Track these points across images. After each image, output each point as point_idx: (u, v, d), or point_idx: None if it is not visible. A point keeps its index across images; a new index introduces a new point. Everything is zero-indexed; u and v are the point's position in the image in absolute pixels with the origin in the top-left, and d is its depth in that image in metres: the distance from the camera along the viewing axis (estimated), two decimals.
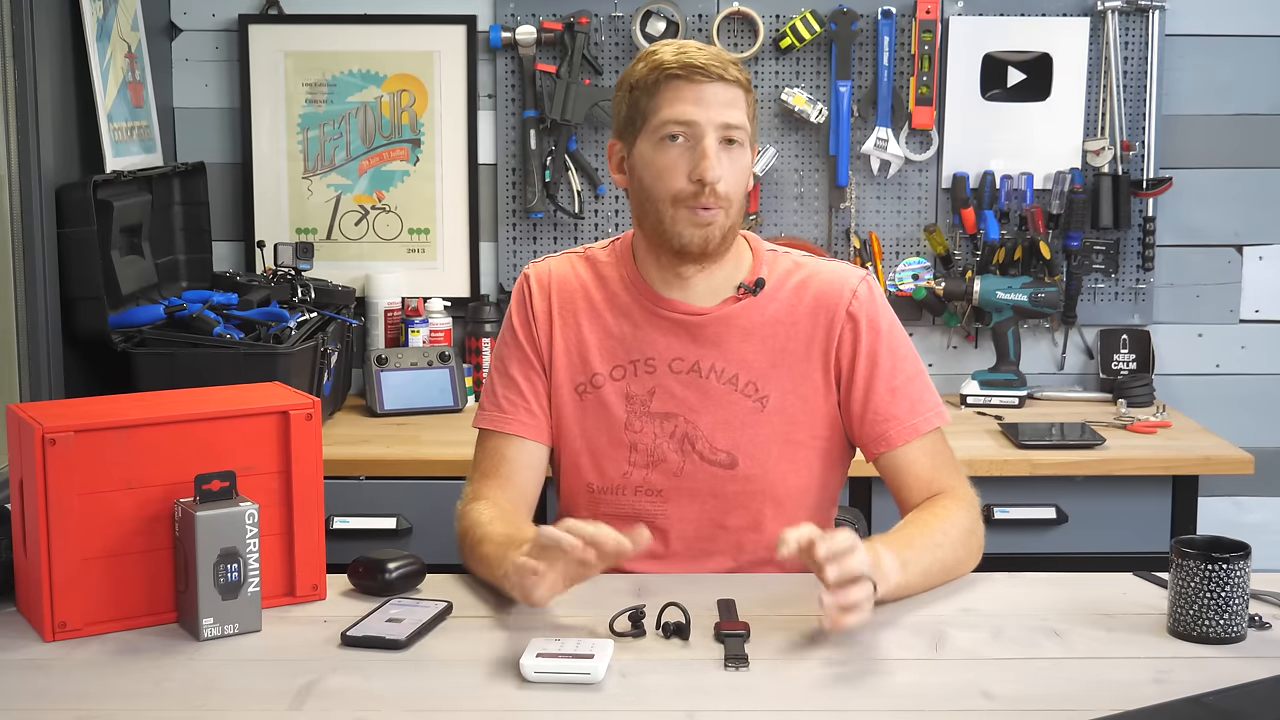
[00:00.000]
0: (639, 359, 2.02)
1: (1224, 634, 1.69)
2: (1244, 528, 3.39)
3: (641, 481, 2.01)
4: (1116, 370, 3.39)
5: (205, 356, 2.76)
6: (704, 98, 1.92)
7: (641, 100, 1.96)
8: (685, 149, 1.93)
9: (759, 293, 2.02)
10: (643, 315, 2.03)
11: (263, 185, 3.38)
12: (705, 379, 2.00)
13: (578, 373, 2.04)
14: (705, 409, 2.00)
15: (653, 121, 1.94)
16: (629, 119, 1.98)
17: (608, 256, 2.08)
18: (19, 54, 2.58)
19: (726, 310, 2.02)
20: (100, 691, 1.58)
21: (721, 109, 1.92)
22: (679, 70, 1.92)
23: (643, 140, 1.96)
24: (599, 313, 2.04)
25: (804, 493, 2.03)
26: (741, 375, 2.00)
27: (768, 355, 2.01)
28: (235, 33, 3.36)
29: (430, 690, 1.59)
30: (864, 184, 3.38)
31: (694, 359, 2.01)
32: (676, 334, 2.02)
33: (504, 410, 2.05)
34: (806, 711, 1.54)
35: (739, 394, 2.00)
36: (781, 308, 2.02)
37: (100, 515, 1.72)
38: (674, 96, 1.93)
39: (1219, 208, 3.42)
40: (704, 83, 1.92)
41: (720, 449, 2.00)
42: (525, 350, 2.06)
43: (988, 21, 3.34)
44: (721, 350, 2.01)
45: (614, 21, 3.33)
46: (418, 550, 1.99)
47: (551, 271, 2.09)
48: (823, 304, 2.02)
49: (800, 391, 2.01)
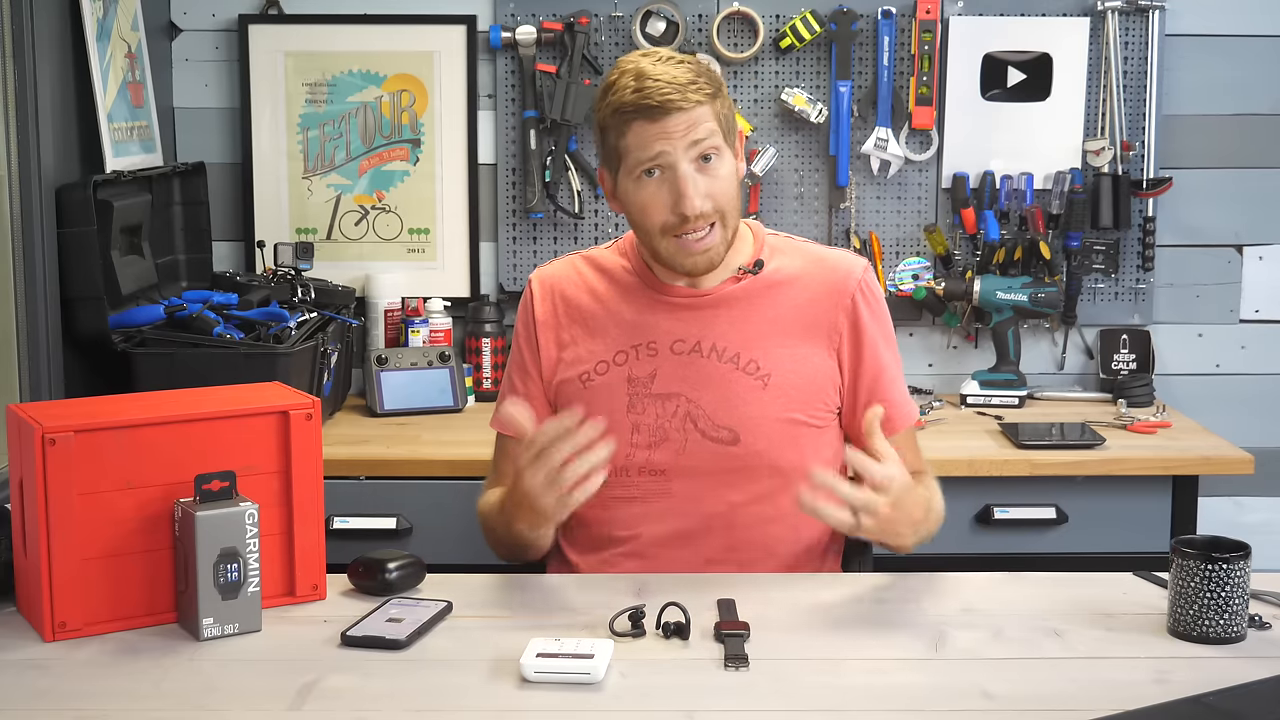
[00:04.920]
0: (641, 343, 2.06)
1: (1224, 634, 1.69)
2: (1244, 528, 3.39)
3: (645, 462, 2.05)
4: (1116, 370, 3.39)
5: (205, 356, 2.76)
6: (668, 130, 1.94)
7: (611, 138, 2.00)
8: (663, 180, 1.97)
9: (759, 272, 2.07)
10: (645, 300, 2.08)
11: (263, 185, 3.38)
12: (706, 358, 2.05)
13: (583, 363, 2.09)
14: (707, 387, 2.04)
15: (627, 161, 1.99)
16: (605, 155, 2.04)
17: (610, 252, 2.16)
18: (19, 54, 2.58)
19: (727, 290, 2.07)
20: (100, 691, 1.58)
21: (686, 134, 1.94)
22: (636, 113, 1.94)
23: (622, 175, 2.01)
24: (602, 302, 2.10)
25: (807, 468, 2.03)
26: (743, 354, 2.04)
27: (769, 334, 2.05)
28: (235, 33, 3.36)
29: (430, 690, 1.59)
30: (864, 184, 3.38)
31: (695, 339, 2.05)
32: (678, 316, 2.07)
33: None
34: (806, 711, 1.54)
35: (740, 372, 2.04)
36: (784, 289, 2.08)
37: (100, 515, 1.72)
38: (639, 136, 1.96)
39: (1219, 208, 3.42)
40: (664, 117, 1.94)
41: (722, 425, 2.04)
42: (524, 356, 2.14)
43: (988, 21, 3.34)
44: (722, 329, 2.06)
45: (614, 21, 3.33)
46: (418, 550, 2.00)
47: (554, 274, 2.16)
48: (828, 286, 2.08)
49: (802, 370, 2.05)
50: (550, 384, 2.11)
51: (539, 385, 2.12)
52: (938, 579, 1.94)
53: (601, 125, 2.01)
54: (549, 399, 2.11)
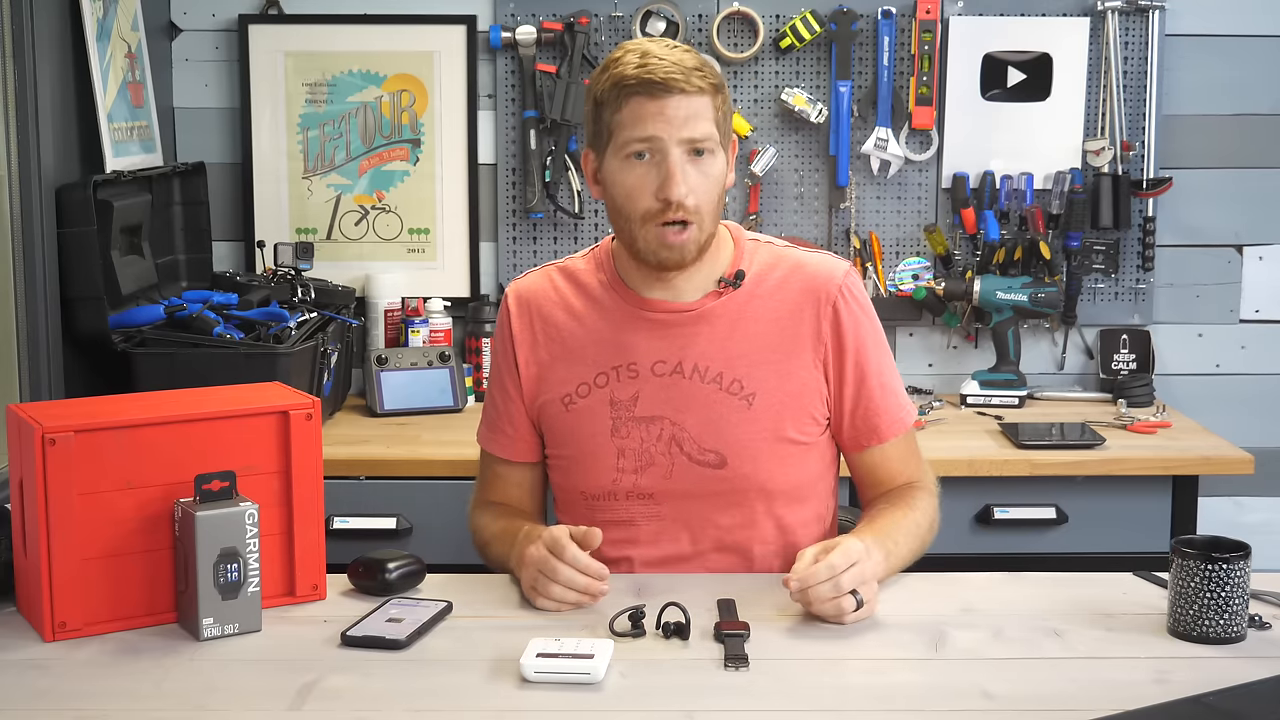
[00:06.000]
0: (621, 364, 2.01)
1: (1224, 634, 1.69)
2: (1244, 528, 3.39)
3: (632, 486, 2.01)
4: (1116, 370, 3.39)
5: (205, 356, 2.76)
6: (666, 112, 1.88)
7: (605, 114, 1.93)
8: (651, 165, 1.91)
9: (740, 285, 2.01)
10: (624, 318, 2.02)
11: (263, 185, 3.38)
12: (689, 380, 1.99)
13: (564, 385, 2.03)
14: (690, 410, 1.99)
15: (617, 139, 1.92)
16: (596, 132, 1.97)
17: (587, 264, 2.08)
18: (19, 54, 2.58)
19: (708, 306, 2.00)
20: (100, 691, 1.58)
21: (684, 123, 1.89)
22: (638, 86, 1.89)
23: (610, 155, 1.94)
24: (580, 320, 2.04)
25: (797, 488, 2.03)
26: (726, 373, 1.99)
27: (752, 350, 2.00)
28: (235, 33, 3.36)
29: (430, 690, 1.59)
30: (864, 184, 3.38)
31: (676, 360, 2.00)
32: (658, 335, 2.00)
33: (490, 430, 2.13)
34: (806, 711, 1.54)
35: (724, 392, 1.99)
36: (765, 301, 2.01)
37: (100, 515, 1.72)
38: (636, 113, 1.89)
39: (1219, 208, 3.42)
40: (665, 97, 1.88)
41: (709, 449, 1.99)
42: (502, 373, 2.09)
43: (988, 21, 3.34)
44: (702, 348, 1.99)
45: (614, 21, 3.33)
46: (418, 550, 2.00)
47: (529, 289, 2.08)
48: (809, 296, 2.01)
49: (788, 387, 2.00)
50: (532, 405, 2.06)
51: (520, 405, 2.06)
52: (938, 579, 1.94)
53: (597, 100, 1.93)
54: (532, 420, 2.07)
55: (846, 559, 1.75)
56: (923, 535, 1.98)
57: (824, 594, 1.73)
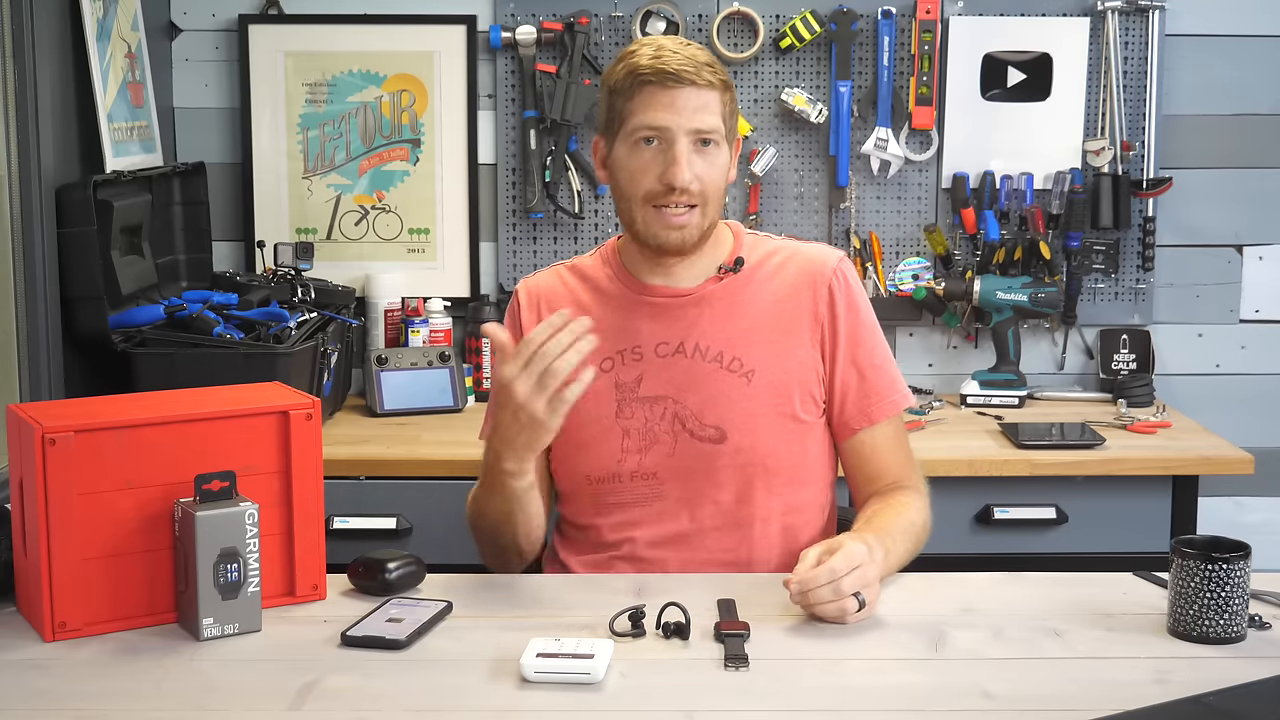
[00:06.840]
0: (626, 348, 2.07)
1: (1224, 634, 1.69)
2: (1244, 528, 3.39)
3: (636, 467, 2.05)
4: (1116, 370, 3.39)
5: (205, 356, 2.76)
6: (676, 103, 1.97)
7: (618, 102, 2.02)
8: (658, 152, 1.99)
9: (739, 270, 2.08)
10: (629, 304, 2.09)
11: (263, 185, 3.38)
12: (690, 359, 2.05)
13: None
14: (692, 387, 2.05)
15: (628, 125, 2.00)
16: (608, 119, 2.05)
17: (594, 260, 2.16)
18: (19, 54, 2.58)
19: (708, 289, 2.08)
20: (100, 691, 1.58)
21: (693, 114, 1.98)
22: (651, 76, 1.98)
23: (619, 141, 2.03)
24: (587, 310, 2.07)
25: (795, 468, 2.06)
26: (726, 352, 2.05)
27: (751, 330, 2.06)
28: (235, 33, 3.36)
29: (430, 690, 1.59)
30: (864, 184, 3.38)
31: (678, 340, 2.06)
32: (660, 318, 2.07)
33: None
34: (806, 711, 1.54)
35: (724, 370, 2.05)
36: (764, 285, 2.09)
37: (100, 515, 1.72)
38: (647, 101, 1.98)
39: (1219, 208, 3.42)
40: (676, 88, 1.97)
41: (709, 424, 2.04)
42: None
43: (988, 21, 3.34)
44: (704, 328, 2.06)
45: (614, 21, 3.33)
46: (418, 550, 1.99)
47: (540, 284, 2.16)
48: (806, 279, 2.09)
49: (786, 364, 2.05)
50: None
51: None
52: (938, 579, 1.94)
53: (611, 88, 2.03)
54: None
55: (849, 563, 1.75)
56: (918, 535, 2.01)
57: (824, 597, 1.74)
